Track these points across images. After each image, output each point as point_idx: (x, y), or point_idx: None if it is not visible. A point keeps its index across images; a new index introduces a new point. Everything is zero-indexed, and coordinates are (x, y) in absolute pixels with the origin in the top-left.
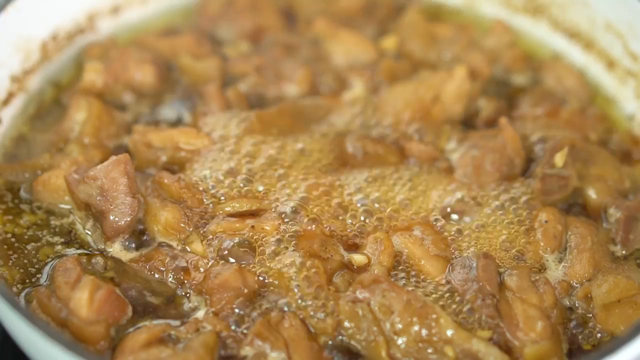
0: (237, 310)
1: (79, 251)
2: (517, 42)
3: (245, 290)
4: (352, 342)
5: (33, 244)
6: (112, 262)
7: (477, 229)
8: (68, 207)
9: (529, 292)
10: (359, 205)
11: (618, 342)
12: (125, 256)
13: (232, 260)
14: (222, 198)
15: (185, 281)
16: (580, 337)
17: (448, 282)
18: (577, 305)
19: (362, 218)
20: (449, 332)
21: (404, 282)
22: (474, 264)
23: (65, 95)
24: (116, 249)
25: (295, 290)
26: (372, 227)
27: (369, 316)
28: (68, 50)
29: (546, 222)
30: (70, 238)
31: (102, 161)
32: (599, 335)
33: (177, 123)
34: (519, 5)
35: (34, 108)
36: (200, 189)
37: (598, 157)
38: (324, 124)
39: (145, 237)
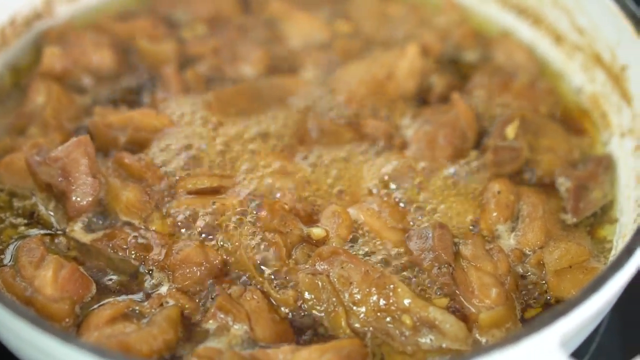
0: (199, 285)
1: (42, 232)
2: (466, 20)
3: (207, 266)
4: (314, 313)
5: None
6: (74, 242)
7: (432, 200)
8: (30, 188)
9: (484, 260)
10: (317, 180)
11: (569, 303)
12: (88, 236)
13: (193, 236)
14: (183, 176)
15: (148, 258)
16: (533, 302)
17: (405, 253)
18: (530, 272)
19: (320, 193)
20: (406, 301)
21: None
22: (430, 234)
23: (25, 80)
24: (78, 229)
25: (256, 264)
26: (329, 201)
27: (328, 287)
28: (26, 36)
29: (499, 192)
30: (33, 219)
31: (62, 143)
32: (550, 299)
33: (136, 105)
34: None
35: None
36: (161, 168)
37: (548, 129)
38: (281, 103)
39: (107, 217)
